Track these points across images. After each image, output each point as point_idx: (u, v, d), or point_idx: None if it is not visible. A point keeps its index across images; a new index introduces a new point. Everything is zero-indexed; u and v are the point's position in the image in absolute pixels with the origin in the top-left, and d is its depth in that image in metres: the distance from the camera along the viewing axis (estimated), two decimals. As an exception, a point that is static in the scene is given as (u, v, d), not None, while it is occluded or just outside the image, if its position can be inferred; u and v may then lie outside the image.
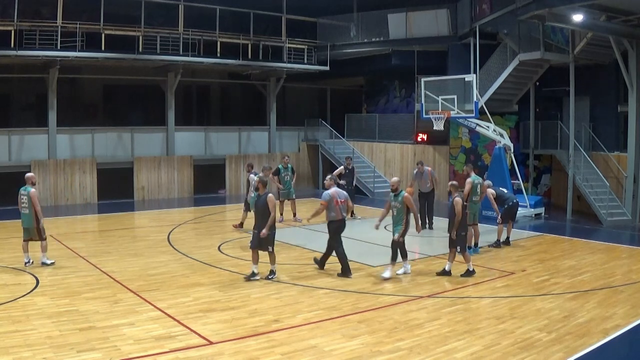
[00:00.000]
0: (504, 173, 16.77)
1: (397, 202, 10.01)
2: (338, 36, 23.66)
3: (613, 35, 15.75)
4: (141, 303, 8.57)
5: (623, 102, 17.52)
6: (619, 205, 16.64)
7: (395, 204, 10.02)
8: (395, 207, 10.02)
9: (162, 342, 6.98)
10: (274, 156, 23.95)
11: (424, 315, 8.23)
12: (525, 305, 8.68)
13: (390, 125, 23.46)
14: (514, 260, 11.74)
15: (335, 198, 10.34)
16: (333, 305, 8.64)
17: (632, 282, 10.05)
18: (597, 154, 18.21)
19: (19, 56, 17.61)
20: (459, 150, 20.74)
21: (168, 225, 15.66)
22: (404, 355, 6.75)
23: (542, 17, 15.12)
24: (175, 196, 21.56)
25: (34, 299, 8.62)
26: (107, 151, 20.69)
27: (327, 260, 10.74)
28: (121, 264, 11.07)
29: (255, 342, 7.07)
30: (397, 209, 10.00)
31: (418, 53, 21.98)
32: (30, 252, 10.82)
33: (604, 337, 7.35)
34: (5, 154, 18.80)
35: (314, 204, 20.21)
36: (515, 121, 20.75)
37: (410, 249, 13.00)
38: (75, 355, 6.52)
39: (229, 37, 21.36)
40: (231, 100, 27.29)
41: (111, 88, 22.83)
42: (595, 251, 12.78)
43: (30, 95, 21.70)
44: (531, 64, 18.68)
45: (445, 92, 17.54)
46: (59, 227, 15.29)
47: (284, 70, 23.14)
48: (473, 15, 19.65)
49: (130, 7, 19.68)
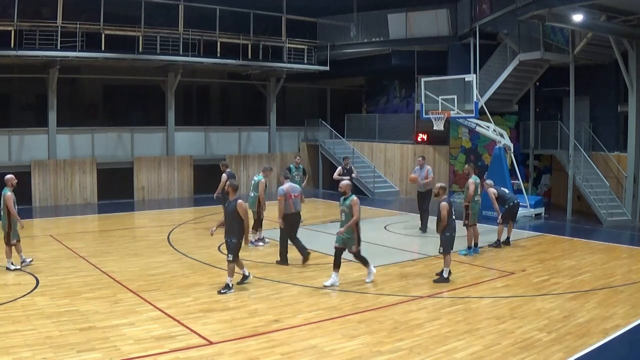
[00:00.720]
0: (504, 173, 16.77)
1: (345, 207, 9.54)
2: (338, 36, 23.66)
3: (613, 35, 15.75)
4: (141, 303, 8.57)
5: (623, 102, 17.52)
6: (619, 205, 16.64)
7: (344, 208, 9.57)
8: (343, 211, 9.58)
9: (162, 342, 6.98)
10: (274, 156, 23.96)
11: (424, 315, 8.23)
12: (525, 305, 8.68)
13: (390, 125, 23.46)
14: (514, 260, 11.74)
15: (289, 193, 11.03)
16: (333, 305, 8.64)
17: (632, 282, 10.05)
18: (597, 154, 18.21)
19: (19, 56, 17.61)
20: (459, 150, 20.74)
21: (168, 225, 15.66)
22: (404, 355, 6.75)
23: (542, 17, 15.12)
24: (175, 196, 21.56)
25: (34, 299, 8.62)
26: (107, 151, 20.70)
27: (287, 252, 11.16)
28: (121, 264, 11.07)
29: (255, 342, 7.07)
30: (345, 213, 9.54)
31: (418, 53, 21.98)
32: (24, 252, 10.80)
33: (604, 337, 7.34)
34: (5, 154, 18.81)
35: (314, 204, 20.28)
36: (515, 121, 20.75)
37: (411, 249, 13.06)
38: (75, 355, 6.52)
39: (229, 37, 21.36)
40: (231, 100, 27.30)
41: (111, 88, 22.83)
42: (595, 251, 12.77)
43: (30, 95, 21.70)
44: (531, 64, 18.68)
45: (445, 92, 17.53)
46: (59, 227, 15.30)
47: (284, 70, 23.15)
48: (473, 15, 19.65)
49: (130, 7, 19.68)
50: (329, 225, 15.78)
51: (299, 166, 15.97)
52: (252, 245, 12.73)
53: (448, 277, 9.89)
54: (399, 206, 19.89)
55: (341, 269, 10.77)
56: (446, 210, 9.80)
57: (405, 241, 13.92)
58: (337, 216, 16.58)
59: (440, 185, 10.36)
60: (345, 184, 9.73)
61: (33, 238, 14.07)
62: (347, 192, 9.58)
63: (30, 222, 16.35)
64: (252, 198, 12.79)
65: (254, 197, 12.76)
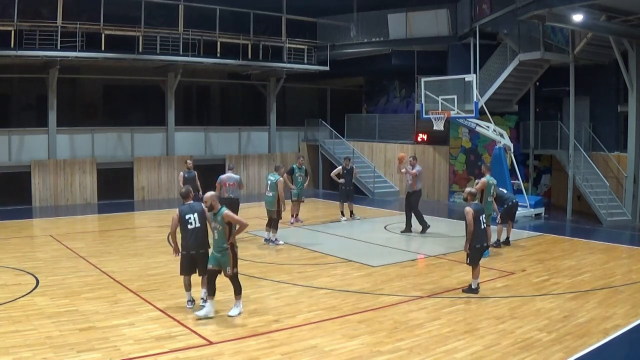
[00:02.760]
0: (504, 173, 16.75)
1: (216, 223, 7.96)
2: (338, 36, 23.65)
3: (613, 35, 15.74)
4: (141, 303, 8.57)
5: (623, 102, 17.52)
6: (619, 205, 16.63)
7: (215, 224, 7.97)
8: (215, 228, 7.98)
9: (162, 342, 6.98)
10: (274, 156, 23.95)
11: (424, 315, 8.23)
12: (525, 305, 8.68)
13: (390, 125, 23.45)
14: (514, 260, 11.74)
15: (224, 181, 12.98)
16: (333, 305, 8.63)
17: (632, 282, 10.05)
18: (597, 154, 18.20)
19: (19, 56, 17.60)
20: (459, 151, 20.74)
21: (168, 225, 15.59)
22: (404, 355, 6.75)
23: (542, 17, 15.11)
24: (175, 196, 21.50)
25: (34, 299, 8.62)
26: (107, 151, 20.69)
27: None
28: (121, 264, 11.07)
29: (255, 342, 7.07)
30: (217, 230, 7.95)
31: (418, 53, 21.97)
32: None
33: (604, 337, 7.34)
34: (5, 154, 18.80)
35: (314, 204, 20.29)
36: (515, 121, 20.74)
37: (410, 249, 13.06)
38: (75, 356, 6.52)
39: (229, 37, 21.35)
40: (231, 100, 27.29)
41: (111, 88, 22.81)
42: (595, 251, 12.77)
43: (30, 95, 21.68)
44: (531, 64, 18.68)
45: (445, 92, 17.51)
46: (59, 227, 15.29)
47: (284, 71, 23.14)
48: (473, 15, 19.64)
49: (130, 7, 19.68)
50: (329, 225, 15.80)
51: (301, 167, 15.99)
52: (273, 244, 12.88)
53: (477, 289, 9.35)
54: (399, 206, 19.80)
55: (341, 269, 10.83)
56: (471, 215, 9.13)
57: (405, 241, 13.92)
58: (337, 216, 16.83)
59: (469, 191, 9.65)
60: (207, 196, 8.05)
61: (33, 238, 14.10)
62: (215, 206, 7.95)
63: (30, 222, 16.41)
64: (271, 197, 12.86)
65: (272, 196, 12.82)
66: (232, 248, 7.95)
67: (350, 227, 15.71)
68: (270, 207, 12.85)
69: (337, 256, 11.80)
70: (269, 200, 12.89)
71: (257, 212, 15.73)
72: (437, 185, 21.22)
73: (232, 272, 7.99)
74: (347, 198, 16.55)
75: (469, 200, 9.48)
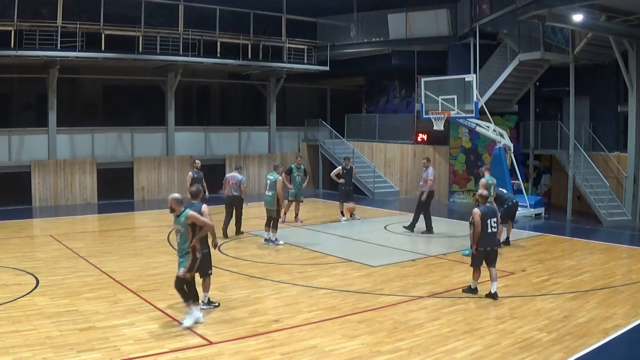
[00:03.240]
0: (504, 173, 16.75)
1: (179, 225, 7.62)
2: (338, 36, 23.66)
3: (613, 35, 15.74)
4: (141, 303, 8.57)
5: (623, 102, 17.52)
6: (619, 205, 16.64)
7: (178, 227, 7.64)
8: (179, 231, 7.66)
9: (162, 342, 6.98)
10: (274, 156, 23.95)
11: (424, 315, 8.23)
12: (525, 305, 8.68)
13: (390, 125, 23.45)
14: (514, 260, 11.75)
15: (229, 179, 13.56)
16: (333, 305, 8.63)
17: (632, 282, 10.05)
18: (597, 154, 18.20)
19: (19, 56, 17.59)
20: (459, 150, 20.74)
21: (168, 225, 15.62)
22: (404, 355, 6.75)
23: (542, 17, 15.11)
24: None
25: (34, 299, 8.62)
26: (107, 151, 20.69)
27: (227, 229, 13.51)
28: (121, 264, 11.06)
29: (255, 342, 7.07)
30: (181, 234, 7.63)
31: (418, 53, 21.97)
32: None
33: (604, 337, 7.34)
34: (5, 154, 18.80)
35: (314, 204, 20.29)
36: (515, 121, 20.74)
37: (411, 249, 13.05)
38: (75, 356, 6.52)
39: (229, 37, 21.35)
40: (231, 100, 27.29)
41: (111, 88, 22.81)
42: (595, 251, 12.77)
43: (30, 95, 21.68)
44: (531, 64, 18.68)
45: (445, 92, 17.52)
46: (59, 227, 15.29)
47: (284, 71, 23.14)
48: (473, 15, 19.64)
49: (130, 7, 19.68)
50: (329, 225, 15.80)
51: (300, 167, 15.99)
52: (273, 244, 12.87)
53: (475, 289, 9.33)
54: (399, 206, 19.89)
55: (341, 269, 10.84)
56: (478, 216, 8.96)
57: (405, 241, 13.91)
58: (337, 216, 16.84)
59: (480, 193, 9.54)
60: (168, 199, 7.87)
61: (33, 238, 14.09)
62: (176, 209, 7.67)
63: (30, 222, 16.41)
64: (270, 197, 12.86)
65: (271, 195, 12.82)
66: (193, 251, 7.54)
67: (350, 227, 15.71)
68: (269, 206, 12.87)
69: (337, 256, 11.81)
70: (268, 199, 12.91)
71: (257, 212, 15.73)
72: (437, 185, 21.14)
73: (183, 274, 7.51)
74: (347, 198, 16.56)
75: (480, 203, 9.33)
